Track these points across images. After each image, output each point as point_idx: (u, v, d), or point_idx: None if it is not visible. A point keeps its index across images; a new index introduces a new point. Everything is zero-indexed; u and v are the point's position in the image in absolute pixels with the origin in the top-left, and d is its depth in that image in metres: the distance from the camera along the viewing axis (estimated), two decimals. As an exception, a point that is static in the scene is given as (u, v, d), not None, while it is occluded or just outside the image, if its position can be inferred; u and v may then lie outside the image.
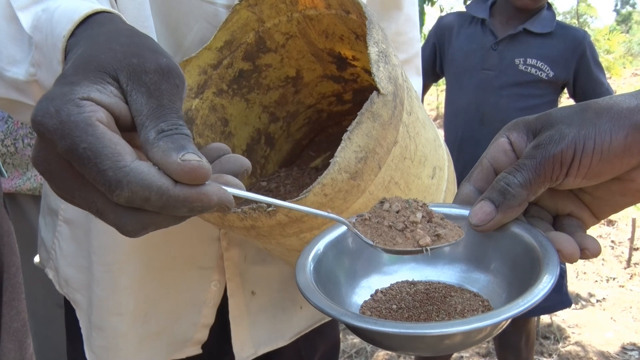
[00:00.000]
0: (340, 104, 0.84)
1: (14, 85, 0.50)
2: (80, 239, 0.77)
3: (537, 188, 0.43)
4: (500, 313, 0.36)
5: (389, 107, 0.53)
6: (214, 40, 0.67)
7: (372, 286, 0.47)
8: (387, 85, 0.53)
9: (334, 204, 0.54)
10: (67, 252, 0.79)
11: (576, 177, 0.42)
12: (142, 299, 0.76)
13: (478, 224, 0.44)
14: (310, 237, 0.58)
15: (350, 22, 0.65)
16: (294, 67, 0.76)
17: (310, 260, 0.44)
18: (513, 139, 0.46)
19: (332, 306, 0.38)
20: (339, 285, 0.46)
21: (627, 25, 16.83)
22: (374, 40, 0.55)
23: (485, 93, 1.80)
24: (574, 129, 0.41)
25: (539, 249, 0.42)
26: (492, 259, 0.46)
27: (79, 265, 0.78)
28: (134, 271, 0.74)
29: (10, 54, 0.48)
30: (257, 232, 0.56)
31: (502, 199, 0.43)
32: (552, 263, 0.40)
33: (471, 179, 0.48)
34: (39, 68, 0.47)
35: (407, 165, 0.60)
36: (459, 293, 0.46)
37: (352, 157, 0.52)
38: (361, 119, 0.52)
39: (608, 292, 3.17)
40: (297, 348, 0.88)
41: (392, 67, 0.55)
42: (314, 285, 0.41)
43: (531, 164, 0.42)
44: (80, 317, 0.80)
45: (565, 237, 0.43)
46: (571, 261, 0.43)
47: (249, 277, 0.81)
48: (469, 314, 0.43)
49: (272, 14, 0.67)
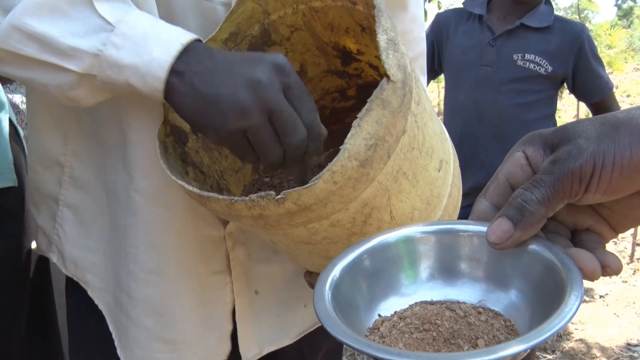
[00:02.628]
0: (343, 101, 0.84)
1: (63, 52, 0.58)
2: (87, 222, 0.78)
3: (556, 205, 0.42)
4: (530, 339, 0.35)
5: (399, 94, 0.53)
6: (219, 32, 0.67)
7: (390, 308, 0.46)
8: (396, 73, 0.52)
9: (343, 192, 0.53)
10: (73, 235, 0.80)
11: (595, 192, 0.41)
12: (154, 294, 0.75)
13: (496, 242, 0.43)
14: (318, 227, 0.57)
15: (356, 14, 0.65)
16: (298, 61, 0.75)
17: (328, 289, 0.42)
18: (529, 153, 0.45)
19: (354, 337, 0.37)
20: (358, 311, 0.45)
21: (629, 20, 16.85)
22: (383, 28, 0.54)
23: (483, 89, 1.80)
24: (593, 144, 0.40)
25: (561, 267, 0.41)
26: (513, 277, 0.45)
27: (87, 247, 0.79)
28: (145, 261, 0.74)
29: (71, 28, 0.57)
30: (265, 222, 0.56)
31: (519, 216, 0.42)
32: (577, 282, 0.39)
33: (487, 194, 0.47)
34: (116, 49, 0.57)
35: (415, 155, 0.59)
36: (480, 313, 0.45)
37: (362, 144, 0.51)
38: (371, 105, 0.51)
39: (611, 287, 3.15)
40: (300, 347, 0.87)
41: (401, 55, 0.54)
42: (333, 315, 0.40)
43: (549, 180, 0.41)
44: (94, 296, 0.80)
45: (586, 255, 0.42)
46: (592, 279, 0.42)
47: (253, 275, 0.80)
48: (492, 335, 0.42)
49: (277, 5, 0.67)
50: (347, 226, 0.58)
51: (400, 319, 0.44)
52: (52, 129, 0.77)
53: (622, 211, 0.45)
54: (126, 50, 0.57)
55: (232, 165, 0.75)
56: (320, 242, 0.60)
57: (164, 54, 0.56)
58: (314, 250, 0.63)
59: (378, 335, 0.43)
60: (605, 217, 0.46)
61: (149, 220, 0.72)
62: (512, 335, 0.42)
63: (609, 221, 0.46)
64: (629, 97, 6.88)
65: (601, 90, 1.86)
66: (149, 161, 0.69)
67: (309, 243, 0.61)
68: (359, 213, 0.57)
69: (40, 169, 0.80)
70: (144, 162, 0.69)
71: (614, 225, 0.46)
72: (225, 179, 0.74)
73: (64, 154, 0.77)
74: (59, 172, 0.78)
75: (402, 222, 0.62)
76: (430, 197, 0.65)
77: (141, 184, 0.70)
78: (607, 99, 1.88)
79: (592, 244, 0.44)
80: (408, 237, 0.48)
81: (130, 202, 0.71)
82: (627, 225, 0.46)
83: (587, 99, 1.93)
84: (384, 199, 0.58)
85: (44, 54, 0.58)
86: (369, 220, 0.59)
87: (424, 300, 0.47)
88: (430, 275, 0.48)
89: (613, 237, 0.47)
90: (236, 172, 0.76)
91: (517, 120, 1.77)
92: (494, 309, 0.45)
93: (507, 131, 1.77)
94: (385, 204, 0.59)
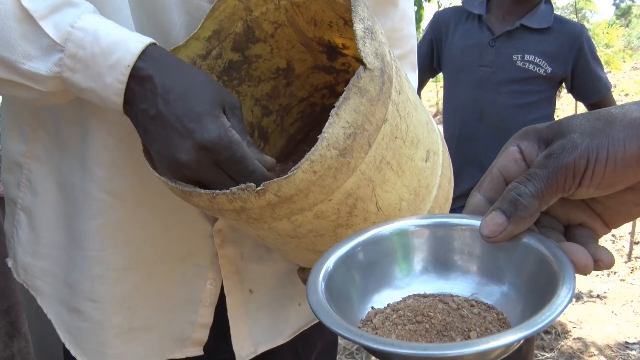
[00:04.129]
0: (333, 97, 0.84)
1: (26, 75, 0.59)
2: (38, 228, 0.77)
3: (549, 198, 0.42)
4: (520, 330, 0.35)
5: (376, 82, 0.53)
6: (202, 30, 0.67)
7: (383, 301, 0.46)
8: (373, 61, 0.52)
9: (324, 182, 0.53)
10: (24, 240, 0.78)
11: (589, 187, 0.41)
12: (124, 291, 0.75)
13: (489, 235, 0.43)
14: (302, 219, 0.57)
15: (337, 7, 0.65)
16: (284, 57, 0.75)
17: (321, 280, 0.42)
18: (524, 147, 0.45)
19: (347, 328, 0.37)
20: (351, 302, 0.45)
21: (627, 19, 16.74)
22: (360, 17, 0.54)
23: (483, 90, 1.79)
24: (587, 139, 0.40)
25: (554, 261, 0.41)
26: (506, 270, 0.45)
27: (37, 253, 0.78)
28: (113, 261, 0.73)
29: (25, 50, 0.58)
30: (248, 215, 0.55)
31: (513, 210, 0.42)
32: (569, 276, 0.39)
33: (481, 188, 0.47)
34: (72, 72, 0.58)
35: (398, 144, 0.59)
36: (473, 306, 0.45)
37: (341, 132, 0.51)
38: (348, 94, 0.51)
39: (609, 286, 3.14)
40: (294, 346, 0.87)
41: (378, 44, 0.54)
42: (327, 306, 0.40)
43: (543, 173, 0.41)
44: (43, 304, 0.79)
45: (579, 249, 0.42)
46: (584, 273, 0.42)
47: (246, 275, 0.80)
48: (484, 327, 0.42)
49: (259, 1, 0.67)
50: (331, 218, 0.58)
51: (394, 311, 0.44)
52: (13, 129, 0.76)
53: (614, 207, 0.45)
54: (80, 73, 0.58)
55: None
56: (307, 235, 0.60)
57: (116, 81, 0.57)
58: (301, 245, 0.63)
59: (371, 326, 0.43)
60: (598, 212, 0.46)
61: (118, 220, 0.72)
62: (504, 327, 0.42)
63: (602, 216, 0.46)
64: (627, 96, 6.85)
65: (600, 91, 1.86)
66: (119, 160, 0.69)
67: (295, 237, 0.60)
68: (343, 204, 0.57)
69: (5, 171, 0.80)
70: (114, 161, 0.69)
71: (606, 221, 0.46)
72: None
73: (24, 156, 0.76)
74: (19, 174, 0.77)
75: (389, 213, 0.62)
76: (418, 187, 0.65)
77: (111, 184, 0.70)
78: (606, 99, 1.88)
79: (584, 239, 0.45)
80: (402, 230, 0.48)
81: (93, 204, 0.71)
82: (620, 220, 0.46)
83: (586, 99, 1.92)
84: (368, 189, 0.58)
85: (13, 76, 0.59)
86: (354, 212, 0.59)
87: (417, 293, 0.47)
88: (424, 268, 0.48)
89: (606, 232, 0.47)
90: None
91: (516, 120, 1.76)
92: (486, 302, 0.45)
93: (506, 132, 1.75)
94: (369, 194, 0.59)
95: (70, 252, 0.75)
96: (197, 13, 0.68)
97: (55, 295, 0.78)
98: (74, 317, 0.76)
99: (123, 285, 0.74)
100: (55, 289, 0.78)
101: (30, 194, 0.77)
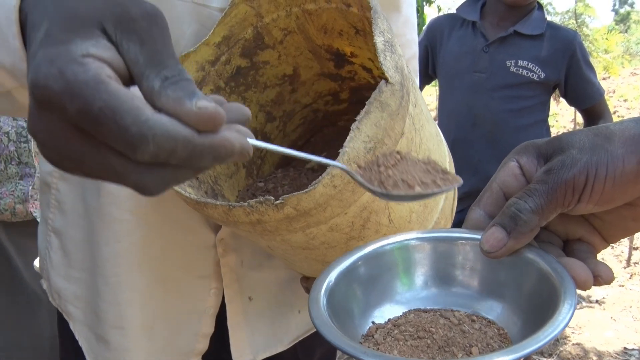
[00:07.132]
0: (336, 104, 0.83)
1: None
2: (69, 250, 0.75)
3: (549, 214, 0.42)
4: (524, 347, 0.34)
5: (397, 96, 0.52)
6: (213, 36, 0.66)
7: (384, 315, 0.46)
8: (394, 75, 0.52)
9: (342, 196, 0.53)
10: (56, 262, 0.77)
11: (588, 203, 0.41)
12: (148, 311, 0.74)
13: (490, 251, 0.43)
14: (317, 232, 0.56)
15: (350, 16, 0.65)
16: (291, 64, 0.74)
17: (323, 294, 0.42)
18: (523, 162, 0.45)
19: (350, 344, 0.37)
20: (353, 317, 0.45)
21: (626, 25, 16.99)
22: (380, 30, 0.54)
23: (477, 95, 1.81)
24: (586, 155, 0.41)
25: (555, 277, 0.41)
26: (506, 285, 0.45)
27: (69, 277, 0.76)
28: (138, 282, 0.72)
29: None
30: (263, 228, 0.55)
31: (513, 225, 0.42)
32: (570, 292, 0.39)
33: (480, 203, 0.47)
34: None
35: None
36: (474, 321, 0.45)
37: (361, 147, 0.51)
38: (370, 108, 0.51)
39: (608, 291, 3.17)
40: (295, 352, 0.86)
41: (398, 57, 0.54)
42: (329, 321, 0.39)
43: (543, 189, 0.41)
44: (75, 330, 0.77)
45: (578, 264, 0.43)
46: (584, 288, 0.42)
47: (246, 282, 0.79)
48: (486, 343, 0.42)
49: (270, 8, 0.66)
50: (345, 230, 0.58)
51: (395, 327, 0.44)
52: None
53: (613, 222, 0.45)
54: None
55: (226, 170, 0.74)
56: (318, 247, 0.60)
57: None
58: (311, 256, 0.62)
59: (372, 342, 0.43)
60: (597, 227, 0.46)
61: (142, 239, 0.70)
62: (505, 343, 0.42)
63: (601, 231, 0.46)
64: (625, 102, 6.89)
65: (592, 97, 1.88)
66: None
67: (307, 248, 0.60)
68: (357, 217, 0.57)
69: (39, 191, 0.79)
70: None
71: (605, 236, 0.46)
72: (219, 184, 0.73)
73: (52, 175, 0.74)
74: (49, 194, 0.76)
75: (400, 225, 0.62)
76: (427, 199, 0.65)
77: (133, 203, 0.68)
78: (598, 105, 1.90)
79: (583, 254, 0.45)
80: (403, 244, 0.48)
81: (116, 226, 0.69)
82: (618, 235, 0.46)
83: (579, 105, 1.95)
84: (382, 202, 0.58)
85: None
86: (367, 224, 0.58)
87: (418, 307, 0.47)
88: (425, 282, 0.48)
89: (604, 247, 0.47)
90: (230, 178, 0.75)
91: (510, 125, 1.78)
92: (487, 317, 0.45)
93: (500, 137, 1.78)
94: (383, 207, 0.58)
95: (94, 279, 0.73)
96: (207, 22, 0.67)
97: (85, 321, 0.76)
98: (101, 345, 0.75)
99: (148, 305, 0.73)
100: (85, 314, 0.76)
101: (60, 215, 0.75)
